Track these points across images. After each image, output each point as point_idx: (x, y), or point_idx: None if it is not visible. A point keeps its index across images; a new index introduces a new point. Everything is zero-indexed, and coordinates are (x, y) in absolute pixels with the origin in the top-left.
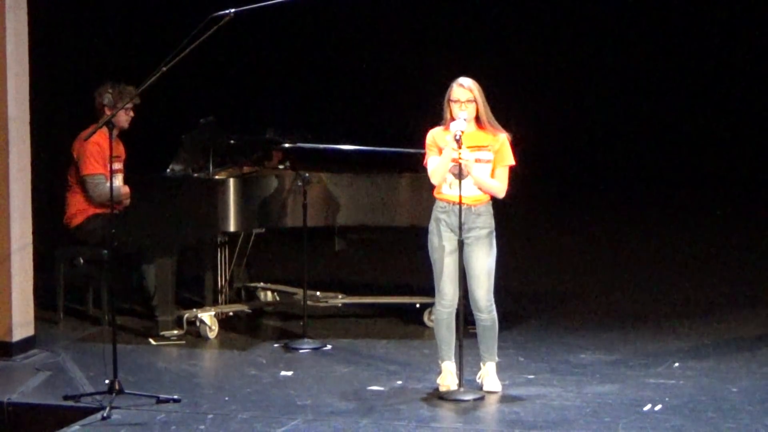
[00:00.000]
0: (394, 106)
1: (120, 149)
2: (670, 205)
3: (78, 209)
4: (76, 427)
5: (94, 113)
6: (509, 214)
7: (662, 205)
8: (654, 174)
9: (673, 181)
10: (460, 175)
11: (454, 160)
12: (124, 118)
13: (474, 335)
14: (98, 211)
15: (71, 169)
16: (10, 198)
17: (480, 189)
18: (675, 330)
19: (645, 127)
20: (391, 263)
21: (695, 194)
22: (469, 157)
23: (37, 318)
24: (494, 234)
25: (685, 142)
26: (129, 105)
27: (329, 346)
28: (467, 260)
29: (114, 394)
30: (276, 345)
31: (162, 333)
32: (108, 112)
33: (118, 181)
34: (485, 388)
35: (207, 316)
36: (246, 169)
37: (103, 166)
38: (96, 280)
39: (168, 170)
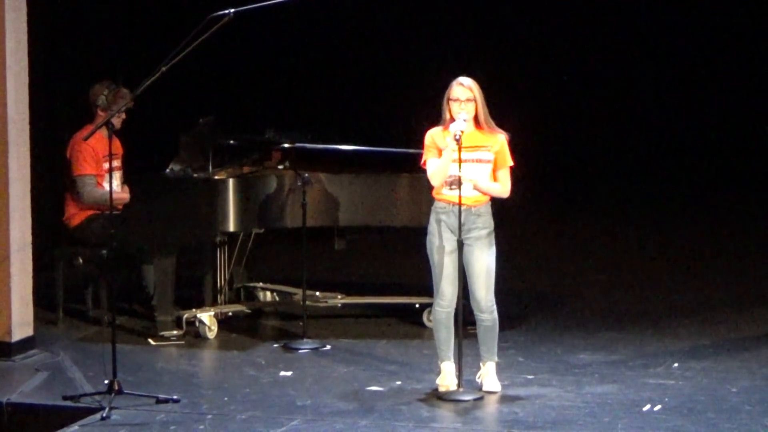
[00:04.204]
0: (393, 106)
1: (117, 146)
2: (669, 205)
3: (77, 209)
4: (75, 427)
5: (89, 112)
6: (509, 214)
7: (662, 205)
8: (653, 174)
9: (673, 181)
10: (459, 184)
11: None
12: (116, 121)
13: (473, 335)
14: (97, 211)
15: (67, 169)
16: (10, 198)
17: (485, 194)
18: (675, 330)
19: (644, 127)
20: (391, 263)
21: (695, 194)
22: (473, 178)
23: (37, 318)
24: (494, 234)
25: (684, 142)
26: (123, 108)
27: (329, 347)
28: (467, 261)
29: (113, 395)
30: (275, 345)
31: (161, 333)
32: (101, 114)
33: (117, 180)
34: (485, 389)
35: (206, 317)
36: (246, 169)
37: (94, 167)
38: (95, 281)
39: (168, 170)
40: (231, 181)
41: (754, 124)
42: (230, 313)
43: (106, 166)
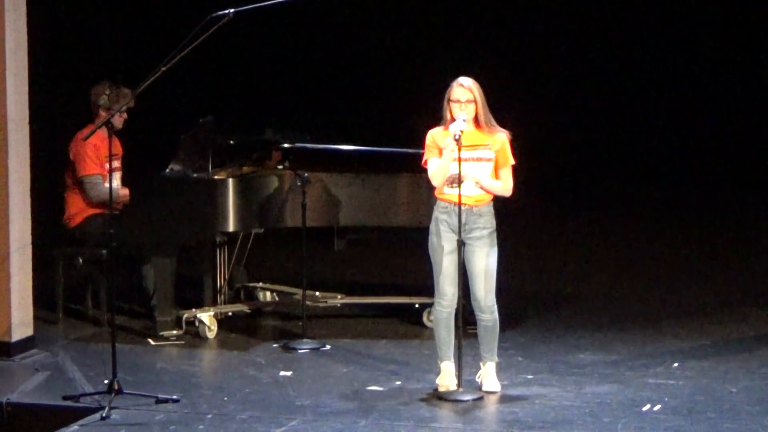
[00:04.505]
0: (393, 106)
1: (117, 147)
2: (669, 206)
3: (77, 209)
4: (75, 427)
5: (90, 112)
6: (509, 215)
7: (662, 205)
8: (654, 174)
9: (673, 181)
10: (459, 181)
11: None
12: (118, 120)
13: (473, 335)
14: (97, 211)
15: (68, 169)
16: (9, 198)
17: (488, 193)
18: (674, 330)
19: (644, 127)
20: (391, 263)
21: (695, 194)
22: (476, 175)
23: (37, 318)
24: (495, 234)
25: (684, 142)
26: (124, 108)
27: (328, 347)
28: (468, 261)
29: (113, 394)
30: (275, 345)
31: (161, 333)
32: (103, 113)
33: (117, 180)
34: (484, 389)
35: (206, 316)
36: (245, 169)
37: (99, 166)
38: (95, 280)
39: (167, 170)
40: (231, 181)
41: (754, 123)
42: (230, 313)
43: (107, 166)
